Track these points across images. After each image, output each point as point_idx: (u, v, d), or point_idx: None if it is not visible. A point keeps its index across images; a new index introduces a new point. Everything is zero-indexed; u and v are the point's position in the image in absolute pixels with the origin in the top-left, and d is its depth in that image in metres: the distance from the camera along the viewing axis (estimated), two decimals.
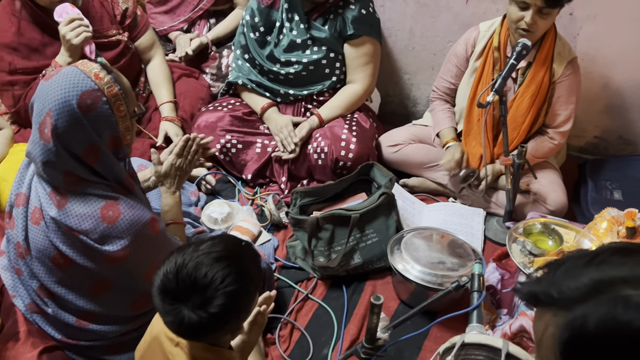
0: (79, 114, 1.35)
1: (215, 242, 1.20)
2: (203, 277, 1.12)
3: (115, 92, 1.40)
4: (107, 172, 1.44)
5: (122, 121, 1.43)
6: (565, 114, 2.17)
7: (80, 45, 2.06)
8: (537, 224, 1.94)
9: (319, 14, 2.28)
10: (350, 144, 2.22)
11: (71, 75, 1.37)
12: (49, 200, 1.43)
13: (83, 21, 2.06)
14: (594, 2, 2.23)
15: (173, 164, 1.72)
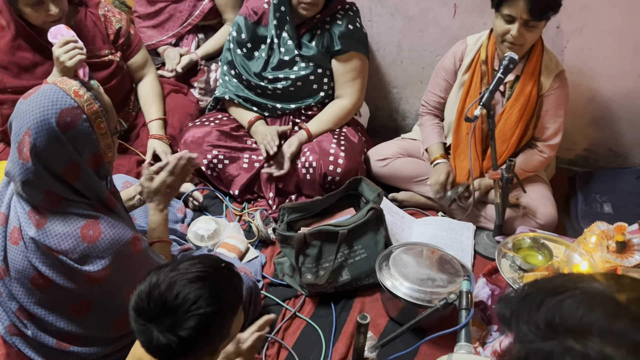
0: (58, 132, 1.32)
1: (193, 262, 1.17)
2: (174, 298, 1.10)
3: (96, 109, 1.38)
4: (88, 191, 1.42)
5: (103, 139, 1.41)
6: (554, 127, 2.16)
7: (73, 68, 2.04)
8: (527, 239, 1.93)
9: (306, 30, 2.27)
10: (339, 158, 2.21)
11: (50, 93, 1.35)
12: (28, 220, 1.40)
13: (77, 43, 2.04)
14: (580, 15, 2.23)
15: (165, 181, 1.69)
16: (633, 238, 1.81)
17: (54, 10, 2.02)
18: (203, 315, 1.11)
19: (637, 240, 1.81)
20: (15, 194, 1.45)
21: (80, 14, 2.23)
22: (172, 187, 1.71)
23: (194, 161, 1.75)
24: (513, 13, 1.92)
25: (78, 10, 2.23)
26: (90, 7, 2.27)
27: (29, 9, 2.01)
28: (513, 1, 1.90)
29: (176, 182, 1.71)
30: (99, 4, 2.30)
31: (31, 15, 2.03)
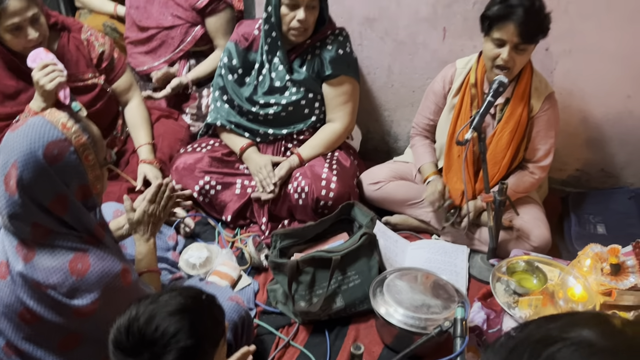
0: (45, 164, 1.32)
1: (174, 294, 1.16)
2: (153, 332, 1.08)
3: (84, 141, 1.38)
4: (76, 223, 1.40)
5: (91, 170, 1.40)
6: (544, 149, 2.17)
7: (54, 91, 2.03)
8: (521, 262, 1.92)
9: (296, 55, 2.28)
10: (331, 183, 2.20)
11: (37, 125, 1.34)
12: (15, 254, 1.39)
13: (57, 66, 2.04)
14: (568, 38, 2.25)
15: (146, 211, 1.68)
16: (627, 260, 1.81)
17: (34, 35, 2.02)
18: (183, 348, 1.08)
19: (631, 262, 1.81)
20: (2, 227, 1.44)
21: (62, 38, 2.24)
22: (156, 216, 1.69)
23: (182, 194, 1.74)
24: (504, 37, 1.93)
25: (60, 35, 2.24)
26: (72, 32, 2.27)
27: (9, 35, 2.01)
28: (504, 25, 1.92)
29: (160, 210, 1.70)
30: (81, 29, 2.31)
31: (11, 41, 2.03)
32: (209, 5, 2.70)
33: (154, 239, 1.72)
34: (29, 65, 2.04)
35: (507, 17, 1.90)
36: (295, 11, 2.12)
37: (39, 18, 2.04)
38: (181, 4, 2.71)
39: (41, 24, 2.06)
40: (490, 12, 1.95)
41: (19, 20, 1.98)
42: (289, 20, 2.14)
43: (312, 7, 2.13)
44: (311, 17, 2.15)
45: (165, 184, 1.72)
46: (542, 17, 1.93)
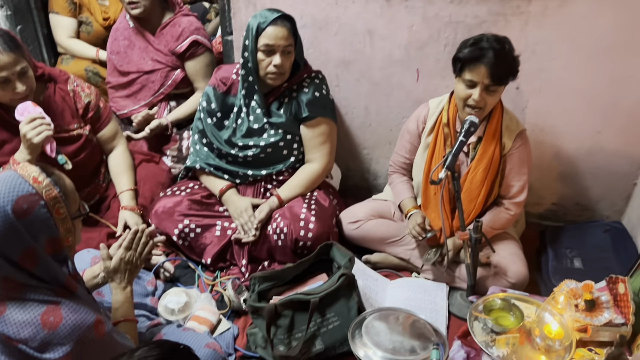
0: (13, 219, 1.33)
1: (150, 347, 1.16)
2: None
3: (55, 195, 1.39)
4: (46, 276, 1.40)
5: (63, 223, 1.41)
6: (518, 185, 2.21)
7: (40, 144, 2.05)
8: (497, 300, 1.93)
9: (274, 98, 2.32)
10: (310, 223, 2.22)
11: (8, 180, 1.36)
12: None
13: (44, 119, 2.06)
14: (537, 77, 2.32)
15: (122, 259, 1.68)
16: (601, 296, 1.83)
17: (21, 88, 2.05)
18: None
19: (605, 298, 1.83)
20: None
21: (49, 90, 2.26)
22: (133, 264, 1.70)
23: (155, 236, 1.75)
24: (475, 78, 1.99)
25: (47, 87, 2.26)
26: (59, 83, 2.30)
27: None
28: (475, 67, 1.97)
29: (136, 257, 1.70)
30: (67, 80, 2.33)
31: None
32: (189, 49, 2.75)
33: (131, 287, 1.72)
34: (17, 118, 2.05)
35: (478, 60, 1.96)
36: (272, 57, 2.17)
37: (27, 71, 2.07)
38: (161, 49, 2.76)
39: (29, 77, 2.08)
40: (462, 55, 2.01)
41: (7, 74, 2.00)
42: (265, 65, 2.19)
43: (288, 53, 2.19)
44: (287, 62, 2.20)
45: (141, 230, 1.73)
46: (511, 59, 1.99)
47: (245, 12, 2.57)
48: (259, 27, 2.15)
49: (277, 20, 2.14)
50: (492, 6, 2.23)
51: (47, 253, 1.38)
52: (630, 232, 2.41)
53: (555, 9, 2.18)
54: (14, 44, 2.03)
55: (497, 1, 2.22)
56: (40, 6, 3.17)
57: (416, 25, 2.37)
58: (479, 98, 2.00)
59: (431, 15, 2.33)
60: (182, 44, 2.74)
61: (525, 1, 2.19)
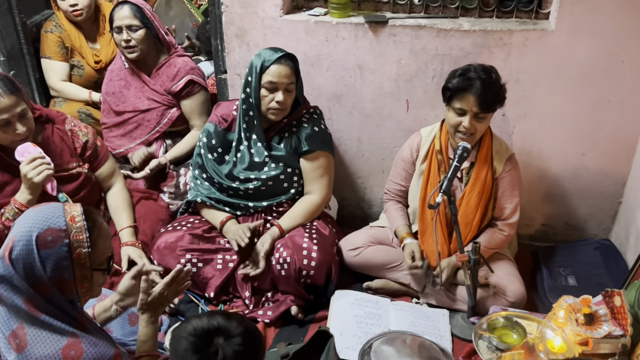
0: (33, 246, 1.37)
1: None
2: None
3: (81, 238, 1.42)
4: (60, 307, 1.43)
5: (80, 268, 1.43)
6: (511, 207, 2.29)
7: (41, 183, 2.09)
8: (500, 318, 1.99)
9: (274, 133, 2.39)
10: (312, 252, 2.26)
11: (50, 209, 1.43)
12: (7, 345, 1.39)
13: (45, 159, 2.10)
14: (522, 104, 2.44)
15: (162, 293, 1.70)
16: (599, 309, 1.90)
17: (21, 129, 2.08)
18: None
19: (603, 311, 1.89)
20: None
21: (47, 130, 2.30)
22: (167, 300, 1.73)
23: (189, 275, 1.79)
24: (464, 107, 2.09)
25: (45, 127, 2.30)
26: (57, 124, 2.34)
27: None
28: (464, 96, 2.08)
29: (171, 294, 1.74)
30: (65, 120, 2.38)
31: (0, 136, 2.09)
32: (185, 88, 2.83)
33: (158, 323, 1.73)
34: (17, 158, 2.09)
35: (466, 89, 2.07)
36: (274, 93, 2.25)
37: (27, 113, 2.11)
38: (157, 88, 2.83)
39: (28, 119, 2.12)
40: (451, 85, 2.12)
41: (7, 116, 2.04)
42: (268, 101, 2.27)
43: (290, 91, 2.28)
44: (289, 99, 2.28)
45: (186, 271, 1.76)
46: (498, 88, 2.10)
47: (239, 52, 2.66)
48: (263, 65, 2.23)
49: (280, 59, 2.24)
50: (476, 39, 2.36)
51: (57, 290, 1.41)
52: (619, 248, 2.51)
53: (535, 40, 2.31)
54: (14, 87, 2.08)
55: (480, 34, 2.35)
56: (32, 52, 3.22)
57: (404, 59, 2.48)
58: (469, 125, 2.10)
59: (418, 49, 2.44)
60: (177, 83, 2.81)
61: (507, 34, 2.33)
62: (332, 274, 2.32)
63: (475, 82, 2.06)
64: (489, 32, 2.35)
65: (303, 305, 2.31)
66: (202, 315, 1.36)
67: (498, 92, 2.11)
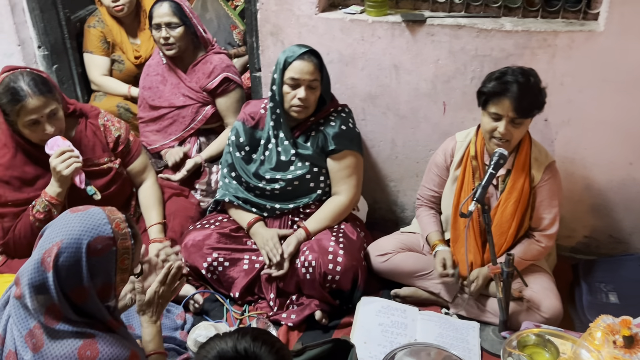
0: (84, 254, 1.39)
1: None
2: None
3: (127, 245, 1.45)
4: (90, 313, 1.45)
5: (121, 273, 1.47)
6: (549, 217, 2.18)
7: (70, 176, 2.11)
8: (532, 336, 1.90)
9: (301, 132, 2.35)
10: (338, 256, 2.21)
11: (96, 216, 1.44)
12: (24, 344, 1.41)
13: (73, 152, 2.12)
14: (566, 109, 2.31)
15: (157, 292, 1.71)
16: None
17: (50, 130, 2.10)
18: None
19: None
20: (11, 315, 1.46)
21: (80, 125, 2.33)
22: (164, 297, 1.73)
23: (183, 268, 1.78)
24: (499, 111, 2.00)
25: (79, 122, 2.33)
26: (90, 118, 2.37)
27: (27, 130, 2.10)
28: (499, 100, 1.98)
29: (167, 292, 1.73)
30: (98, 115, 2.41)
31: (30, 135, 2.12)
32: (220, 86, 2.82)
33: (160, 320, 1.73)
34: (47, 152, 2.12)
35: (502, 94, 1.97)
36: (297, 90, 2.21)
37: (57, 113, 2.13)
38: (192, 85, 2.83)
39: (58, 118, 2.14)
40: (486, 89, 2.03)
41: (36, 116, 2.07)
42: (290, 98, 2.23)
43: (313, 88, 2.23)
44: (312, 96, 2.24)
45: (176, 266, 1.75)
46: (537, 93, 1.99)
47: (274, 49, 2.63)
48: (286, 61, 2.20)
49: (304, 55, 2.20)
50: (519, 40, 2.25)
51: (97, 295, 1.43)
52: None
53: (582, 42, 2.19)
54: (45, 87, 2.09)
55: (523, 35, 2.24)
56: (75, 46, 3.29)
57: (442, 59, 2.39)
58: (504, 131, 2.01)
59: (457, 49, 2.35)
60: (213, 80, 2.80)
61: (552, 35, 2.21)
62: (359, 280, 2.27)
63: (512, 86, 1.96)
64: (533, 32, 2.23)
65: (328, 310, 2.27)
66: (230, 335, 1.26)
67: (537, 97, 2.00)
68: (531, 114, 2.01)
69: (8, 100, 2.05)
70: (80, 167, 2.14)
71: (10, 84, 2.05)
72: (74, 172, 2.12)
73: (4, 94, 2.05)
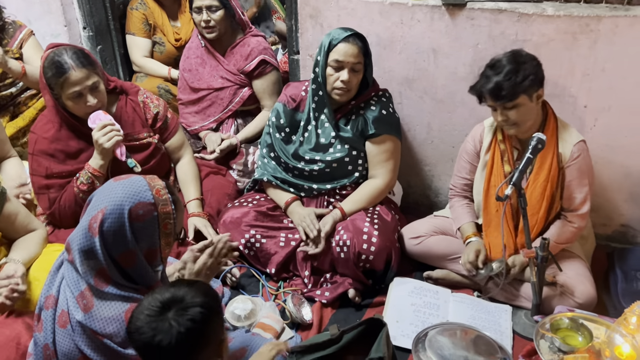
0: (126, 219, 1.45)
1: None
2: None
3: (168, 210, 1.52)
4: (139, 278, 1.52)
5: (166, 237, 1.53)
6: (580, 197, 2.16)
7: (111, 149, 2.20)
8: (565, 319, 1.90)
9: (342, 115, 2.39)
10: (372, 237, 2.25)
11: (136, 184, 1.50)
12: (75, 304, 1.49)
13: (115, 126, 2.21)
14: (606, 95, 2.28)
15: (205, 263, 1.78)
16: None
17: (92, 101, 2.19)
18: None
19: None
20: (65, 277, 1.54)
21: (121, 101, 2.42)
22: (212, 269, 1.79)
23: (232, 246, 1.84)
24: (490, 103, 2.08)
25: (119, 98, 2.42)
26: (130, 95, 2.46)
27: (70, 102, 2.19)
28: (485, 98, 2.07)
29: (214, 264, 1.80)
30: (138, 92, 2.49)
31: (73, 107, 2.21)
32: (257, 68, 2.87)
33: None
34: (90, 125, 2.21)
35: (480, 89, 2.07)
36: (340, 72, 2.24)
37: (99, 86, 2.22)
38: (230, 68, 2.89)
39: (100, 91, 2.22)
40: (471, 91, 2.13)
41: (79, 88, 2.16)
42: (333, 80, 2.26)
43: (356, 71, 2.25)
44: (354, 79, 2.26)
45: (223, 240, 1.82)
46: (517, 79, 1.99)
47: (312, 32, 2.66)
48: (331, 43, 2.23)
49: (349, 37, 2.22)
50: (560, 24, 2.23)
51: (145, 259, 1.50)
52: None
53: (626, 27, 2.15)
54: (87, 60, 2.18)
55: (565, 19, 2.22)
56: (118, 28, 3.39)
57: (482, 44, 2.39)
58: (501, 118, 2.07)
59: (497, 34, 2.34)
60: (250, 63, 2.86)
61: (595, 20, 2.18)
62: (392, 261, 2.30)
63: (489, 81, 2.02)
64: (575, 17, 2.21)
65: (361, 289, 2.31)
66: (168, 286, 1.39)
67: (517, 83, 1.99)
68: (513, 98, 2.01)
69: (53, 73, 2.14)
70: (121, 140, 2.22)
71: (55, 58, 2.15)
72: (115, 144, 2.20)
73: (49, 68, 2.15)
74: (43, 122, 2.33)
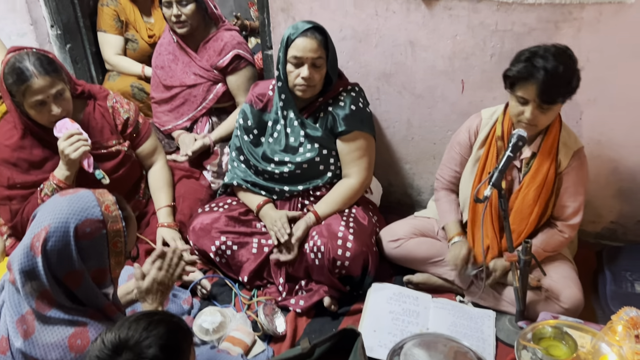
0: (72, 238, 1.35)
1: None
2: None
3: (118, 228, 1.42)
4: (87, 300, 1.43)
5: (116, 256, 1.44)
6: (574, 206, 2.06)
7: (78, 160, 2.08)
8: (548, 328, 1.80)
9: (309, 114, 2.27)
10: (347, 241, 2.14)
11: (84, 199, 1.40)
12: (15, 329, 1.39)
13: (82, 135, 2.09)
14: (592, 87, 2.16)
15: (155, 279, 1.67)
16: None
17: (56, 110, 2.06)
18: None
19: None
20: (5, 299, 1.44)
21: (88, 107, 2.29)
22: (164, 284, 1.68)
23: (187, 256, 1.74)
24: (526, 96, 1.88)
25: (87, 104, 2.29)
26: (98, 100, 2.33)
27: (33, 111, 2.06)
28: (525, 85, 1.86)
29: (168, 278, 1.68)
30: (107, 96, 2.36)
31: (36, 116, 2.08)
32: (230, 64, 2.75)
33: (162, 307, 1.69)
34: (55, 134, 2.09)
35: (528, 78, 1.84)
36: (300, 69, 2.12)
37: (64, 93, 2.09)
38: (202, 64, 2.77)
39: (65, 99, 2.09)
40: (512, 72, 1.90)
41: (42, 97, 2.02)
42: (294, 77, 2.14)
43: (317, 66, 2.13)
44: (316, 75, 2.14)
45: (173, 251, 1.71)
46: (567, 79, 1.84)
47: (285, 26, 2.54)
48: (289, 38, 2.11)
49: (307, 31, 2.10)
50: (542, 13, 2.11)
51: (92, 279, 1.40)
52: None
53: (610, 15, 2.03)
54: (51, 67, 2.05)
55: (547, 7, 2.09)
56: (89, 25, 3.26)
57: (460, 35, 2.27)
58: (531, 116, 1.89)
59: (476, 24, 2.22)
60: (224, 58, 2.74)
61: (578, 7, 2.06)
62: (369, 266, 2.20)
63: (539, 72, 1.81)
64: (557, 5, 2.08)
65: (337, 296, 2.21)
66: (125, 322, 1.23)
67: (568, 83, 1.84)
68: (557, 102, 1.88)
69: (14, 80, 2.01)
70: (89, 151, 2.10)
71: (16, 64, 2.01)
72: (82, 155, 2.08)
73: (10, 74, 2.02)
74: (6, 128, 2.21)
